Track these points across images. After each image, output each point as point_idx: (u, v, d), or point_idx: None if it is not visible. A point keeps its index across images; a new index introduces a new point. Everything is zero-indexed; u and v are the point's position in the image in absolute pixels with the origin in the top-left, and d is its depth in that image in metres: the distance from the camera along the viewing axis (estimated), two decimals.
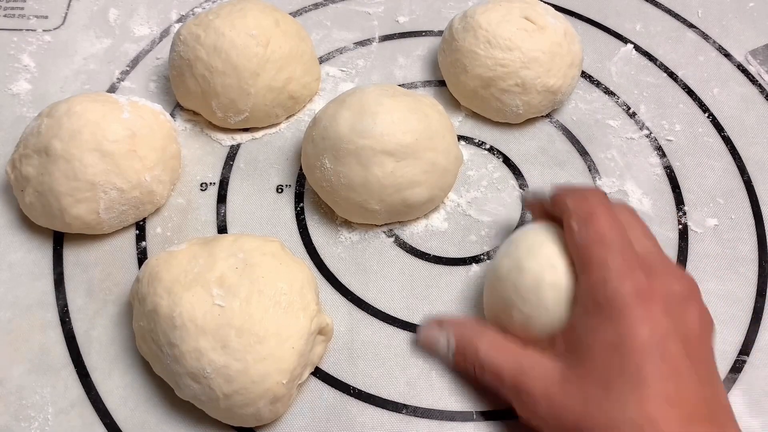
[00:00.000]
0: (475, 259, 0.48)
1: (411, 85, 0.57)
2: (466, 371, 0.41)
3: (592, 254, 0.36)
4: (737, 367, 0.44)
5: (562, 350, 0.36)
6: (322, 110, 0.48)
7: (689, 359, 0.34)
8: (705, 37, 0.61)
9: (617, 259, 0.35)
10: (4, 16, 0.59)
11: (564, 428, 0.34)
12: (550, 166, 0.52)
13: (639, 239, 0.38)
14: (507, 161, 0.52)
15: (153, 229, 0.49)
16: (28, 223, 0.48)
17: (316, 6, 0.61)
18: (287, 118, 0.54)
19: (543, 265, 0.39)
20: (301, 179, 0.51)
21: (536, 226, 0.42)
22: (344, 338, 0.44)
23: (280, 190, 0.51)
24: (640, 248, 0.37)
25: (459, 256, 0.48)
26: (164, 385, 0.42)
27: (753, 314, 0.46)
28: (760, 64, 0.59)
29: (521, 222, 0.50)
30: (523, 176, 0.52)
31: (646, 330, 0.33)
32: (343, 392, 0.43)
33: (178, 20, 0.60)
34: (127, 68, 0.57)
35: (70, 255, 0.47)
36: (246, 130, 0.53)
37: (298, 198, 0.50)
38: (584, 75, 0.57)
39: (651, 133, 0.54)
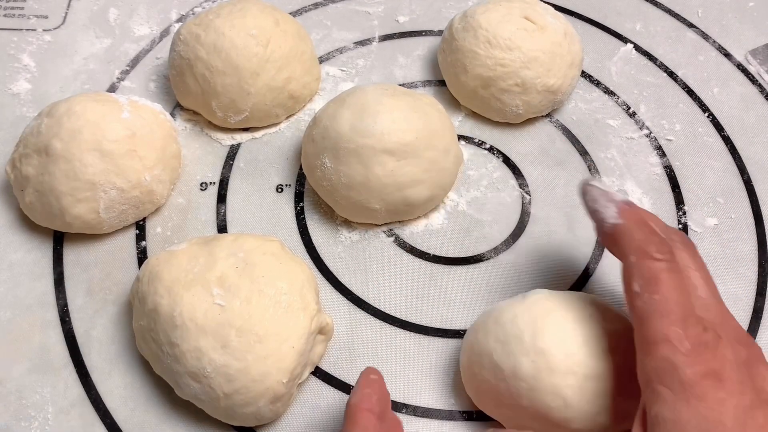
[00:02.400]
0: (475, 259, 0.48)
1: (411, 85, 0.57)
2: None
3: (653, 329, 0.33)
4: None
5: None
6: (322, 110, 0.48)
7: None
8: (705, 36, 0.61)
9: (681, 336, 0.32)
10: (4, 15, 0.59)
11: None
12: (550, 166, 0.52)
13: (699, 297, 0.35)
14: (507, 161, 0.52)
15: (153, 229, 0.49)
16: (28, 223, 0.48)
17: (316, 6, 0.61)
18: (287, 117, 0.54)
19: (557, 354, 0.36)
20: (301, 179, 0.51)
21: (534, 297, 0.39)
22: (344, 338, 0.44)
23: (280, 190, 0.51)
24: (701, 308, 0.34)
25: (459, 256, 0.48)
26: (164, 384, 0.42)
27: (753, 314, 0.46)
28: (760, 64, 0.59)
29: (521, 222, 0.50)
30: (523, 176, 0.52)
31: (731, 410, 0.31)
32: (343, 392, 0.43)
33: (178, 20, 0.60)
34: (127, 68, 0.57)
35: (70, 255, 0.47)
36: (246, 129, 0.53)
37: (298, 197, 0.50)
38: (584, 75, 0.57)
39: (651, 132, 0.54)
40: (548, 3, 0.59)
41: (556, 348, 0.36)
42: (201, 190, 0.50)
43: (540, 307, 0.38)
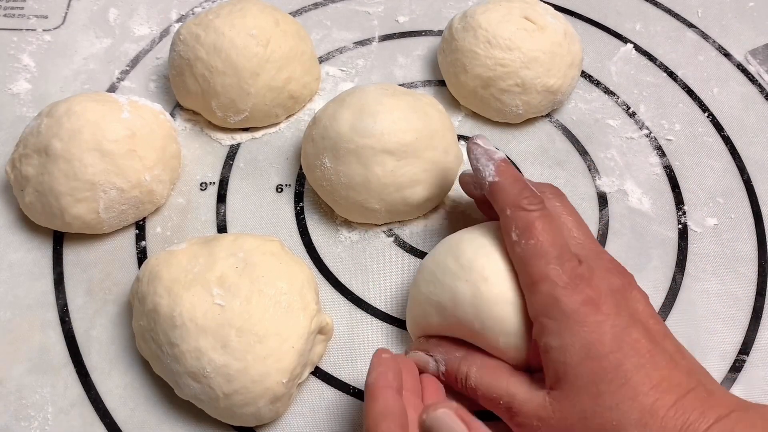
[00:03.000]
0: None
1: (411, 85, 0.57)
2: (458, 390, 0.40)
3: (533, 270, 0.36)
4: (737, 367, 0.44)
5: (538, 376, 0.37)
6: (322, 110, 0.48)
7: (655, 343, 0.35)
8: (705, 36, 0.61)
9: (559, 272, 0.36)
10: (4, 15, 0.59)
11: None
12: (550, 166, 0.52)
13: (573, 236, 0.39)
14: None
15: (153, 229, 0.49)
16: (28, 223, 0.48)
17: (316, 6, 0.61)
18: (287, 117, 0.54)
19: (477, 280, 0.38)
20: (300, 179, 0.51)
21: (470, 231, 0.42)
22: (344, 338, 0.44)
23: (279, 190, 0.51)
24: (576, 246, 0.38)
25: None
26: (164, 384, 0.42)
27: (753, 314, 0.46)
28: (760, 64, 0.59)
29: None
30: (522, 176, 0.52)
31: (608, 331, 0.35)
32: (343, 392, 0.43)
33: (178, 20, 0.60)
34: (127, 68, 0.57)
35: (69, 255, 0.47)
36: (246, 129, 0.53)
37: (298, 197, 0.50)
38: (584, 75, 0.57)
39: (651, 132, 0.54)
40: (548, 3, 0.59)
41: (479, 261, 0.39)
42: (201, 190, 0.50)
43: (454, 237, 0.42)
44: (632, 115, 0.55)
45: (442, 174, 0.47)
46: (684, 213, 0.50)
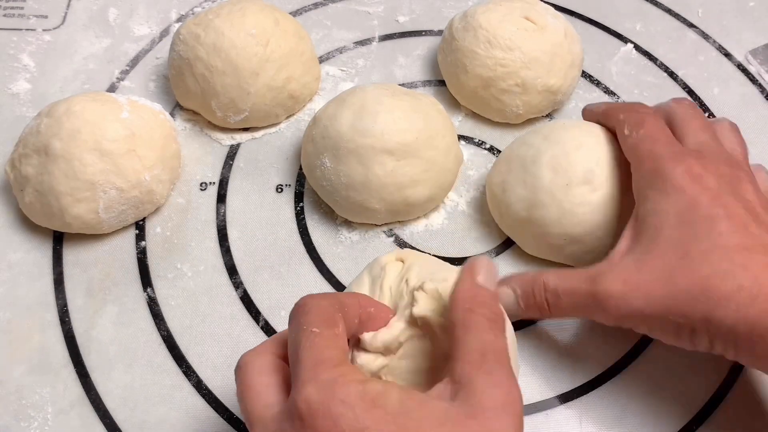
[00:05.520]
0: None
1: (411, 85, 0.56)
2: (538, 309, 0.39)
3: (643, 149, 0.39)
4: (737, 367, 0.44)
5: (628, 244, 0.38)
6: (322, 109, 0.48)
7: (754, 215, 0.36)
8: (705, 36, 0.61)
9: (666, 149, 0.39)
10: (4, 15, 0.59)
11: (654, 307, 0.35)
12: None
13: (695, 133, 0.40)
14: None
15: (153, 229, 0.48)
16: (28, 223, 0.48)
17: (316, 5, 0.61)
18: (287, 117, 0.54)
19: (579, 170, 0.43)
20: (301, 179, 0.51)
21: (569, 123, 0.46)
22: None
23: (279, 190, 0.51)
24: (693, 143, 0.40)
25: (459, 256, 0.48)
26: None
27: None
28: (760, 64, 0.59)
29: None
30: None
31: (706, 198, 0.36)
32: None
33: (178, 20, 0.60)
34: (127, 68, 0.57)
35: (69, 255, 0.47)
36: (246, 129, 0.53)
37: (298, 198, 0.50)
38: (584, 75, 0.57)
39: None
40: (548, 3, 0.59)
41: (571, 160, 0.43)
42: (201, 190, 0.50)
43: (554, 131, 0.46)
44: None
45: (442, 174, 0.47)
46: None
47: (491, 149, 0.53)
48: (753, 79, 0.58)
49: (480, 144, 0.53)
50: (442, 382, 0.30)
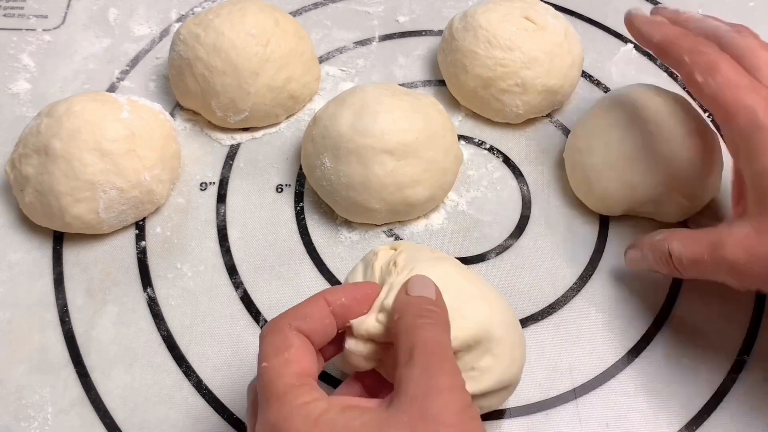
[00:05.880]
0: (475, 259, 0.48)
1: (411, 85, 0.56)
2: (670, 272, 0.41)
3: (728, 99, 0.37)
4: (737, 367, 0.44)
5: (744, 207, 0.38)
6: (323, 109, 0.48)
7: None
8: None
9: (754, 97, 0.37)
10: (4, 15, 0.59)
11: None
12: (550, 166, 0.52)
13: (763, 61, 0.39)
14: (507, 161, 0.52)
15: (153, 229, 0.48)
16: (28, 223, 0.48)
17: (316, 6, 0.61)
18: (287, 117, 0.54)
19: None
20: (301, 179, 0.51)
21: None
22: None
23: (280, 190, 0.51)
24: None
25: (459, 256, 0.48)
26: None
27: (753, 314, 0.46)
28: None
29: (521, 222, 0.49)
30: (523, 176, 0.52)
31: None
32: None
33: (178, 20, 0.60)
34: (127, 68, 0.57)
35: (69, 255, 0.47)
36: (246, 129, 0.53)
37: (298, 198, 0.50)
38: (584, 75, 0.57)
39: None
40: (548, 3, 0.59)
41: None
42: (201, 190, 0.50)
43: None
44: None
45: (442, 174, 0.47)
46: None
47: (491, 149, 0.53)
48: None
49: (480, 144, 0.53)
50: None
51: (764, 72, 0.39)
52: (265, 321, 0.45)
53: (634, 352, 0.44)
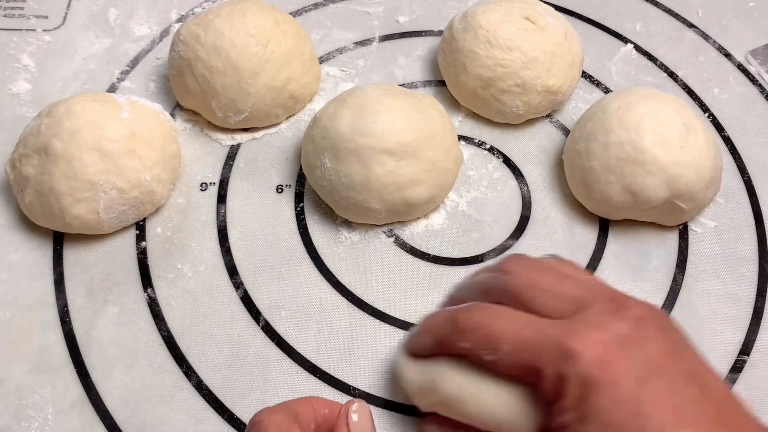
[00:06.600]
0: (475, 259, 0.48)
1: (411, 85, 0.56)
2: None
3: (525, 358, 0.32)
4: (737, 367, 0.44)
5: None
6: (323, 110, 0.48)
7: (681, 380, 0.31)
8: (705, 37, 0.61)
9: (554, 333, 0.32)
10: (4, 16, 0.59)
11: None
12: (550, 166, 0.52)
13: (553, 300, 0.34)
14: (507, 161, 0.52)
15: (153, 229, 0.48)
16: (28, 223, 0.48)
17: (316, 6, 0.61)
18: (287, 117, 0.54)
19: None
20: (301, 179, 0.51)
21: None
22: (344, 338, 0.44)
23: (280, 190, 0.51)
24: (562, 306, 0.34)
25: (459, 256, 0.48)
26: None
27: (753, 314, 0.46)
28: (760, 64, 0.59)
29: (521, 222, 0.49)
30: (523, 176, 0.52)
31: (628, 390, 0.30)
32: (344, 392, 0.43)
33: (178, 20, 0.60)
34: (127, 68, 0.57)
35: (70, 255, 0.47)
36: (246, 129, 0.53)
37: (298, 198, 0.50)
38: (584, 75, 0.57)
39: None
40: (548, 3, 0.59)
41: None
42: (201, 190, 0.50)
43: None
44: None
45: (442, 174, 0.47)
46: None
47: (491, 149, 0.53)
48: (753, 79, 0.58)
49: (480, 144, 0.53)
50: None
51: (552, 304, 0.34)
52: (266, 321, 0.45)
53: None
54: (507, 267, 0.37)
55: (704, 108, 0.56)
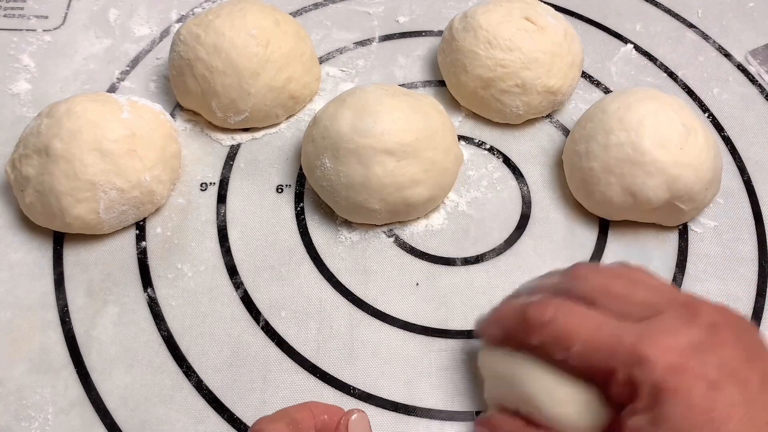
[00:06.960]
0: (475, 259, 0.48)
1: (411, 85, 0.57)
2: None
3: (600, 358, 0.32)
4: None
5: None
6: (323, 110, 0.48)
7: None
8: (705, 37, 0.61)
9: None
10: (4, 16, 0.59)
11: None
12: (550, 167, 0.52)
13: (628, 303, 0.34)
14: (507, 161, 0.52)
15: (153, 229, 0.49)
16: (28, 223, 0.48)
17: (316, 6, 0.61)
18: (287, 118, 0.54)
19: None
20: (301, 179, 0.51)
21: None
22: (344, 338, 0.44)
23: (280, 190, 0.51)
24: (640, 309, 0.34)
25: (459, 256, 0.48)
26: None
27: (753, 314, 0.46)
28: (760, 64, 0.59)
29: (521, 222, 0.50)
30: (523, 176, 0.52)
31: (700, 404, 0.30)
32: (343, 392, 0.43)
33: (178, 20, 0.60)
34: (127, 68, 0.57)
35: (70, 255, 0.47)
36: (246, 130, 0.53)
37: (298, 198, 0.50)
38: (584, 75, 0.57)
39: None
40: (548, 3, 0.59)
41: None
42: (201, 190, 0.50)
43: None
44: None
45: (442, 174, 0.47)
46: None
47: (491, 149, 0.53)
48: (753, 79, 0.58)
49: (480, 144, 0.53)
50: None
51: (611, 306, 0.34)
52: (266, 321, 0.45)
53: None
54: (577, 272, 0.37)
55: (704, 108, 0.56)
